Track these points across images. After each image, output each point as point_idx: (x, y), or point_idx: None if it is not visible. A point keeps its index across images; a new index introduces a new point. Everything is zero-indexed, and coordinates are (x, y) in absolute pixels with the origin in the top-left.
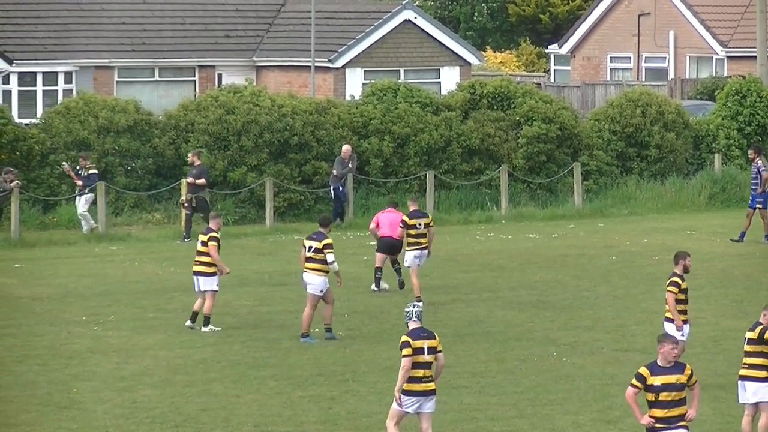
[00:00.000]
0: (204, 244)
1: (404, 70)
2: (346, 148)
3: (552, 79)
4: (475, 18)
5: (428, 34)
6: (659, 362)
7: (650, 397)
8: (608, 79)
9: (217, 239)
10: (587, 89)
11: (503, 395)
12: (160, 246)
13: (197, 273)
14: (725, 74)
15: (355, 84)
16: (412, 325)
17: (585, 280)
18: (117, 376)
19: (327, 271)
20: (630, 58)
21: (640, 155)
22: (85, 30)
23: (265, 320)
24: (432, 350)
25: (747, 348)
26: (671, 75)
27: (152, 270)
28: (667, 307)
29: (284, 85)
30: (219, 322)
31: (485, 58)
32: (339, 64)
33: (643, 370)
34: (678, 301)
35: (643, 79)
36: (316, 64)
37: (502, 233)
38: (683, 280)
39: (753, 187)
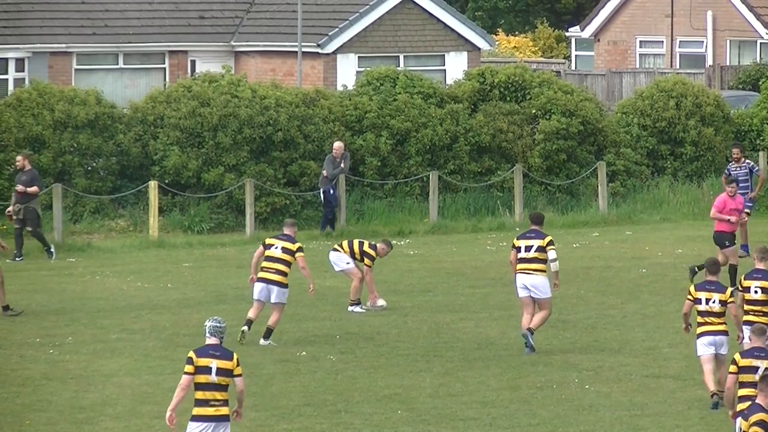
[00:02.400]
0: (287, 251)
1: (404, 57)
2: (337, 145)
3: (573, 67)
4: None
5: (431, 14)
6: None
7: None
8: (637, 66)
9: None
10: (613, 78)
11: (517, 428)
12: (125, 257)
13: (271, 282)
14: None
15: (347, 72)
16: (207, 341)
17: (611, 296)
18: (75, 406)
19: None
20: (662, 42)
21: (674, 153)
22: (39, 11)
23: (245, 342)
24: (223, 372)
25: None
26: (709, 62)
27: (116, 285)
28: None
29: (267, 74)
30: (192, 344)
31: (497, 43)
32: (329, 49)
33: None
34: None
35: (677, 67)
36: (304, 50)
37: None
38: None
39: (742, 191)
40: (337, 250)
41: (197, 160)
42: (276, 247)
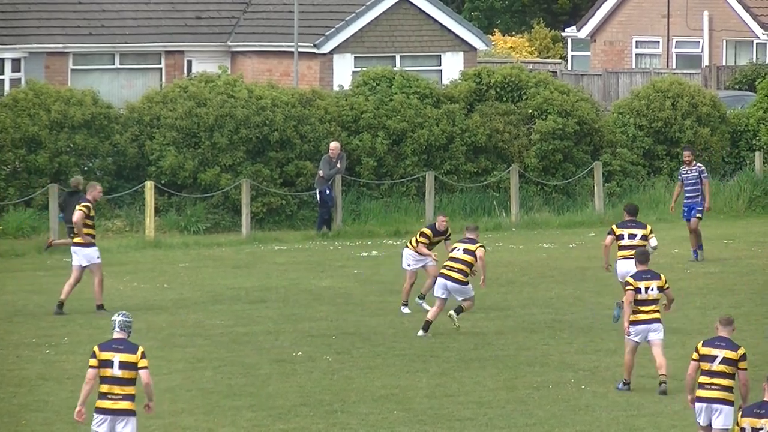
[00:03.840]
0: (468, 252)
1: (400, 57)
2: (334, 145)
3: (569, 67)
4: None
5: (428, 15)
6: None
7: None
8: (634, 66)
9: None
10: (610, 78)
11: (513, 428)
12: (122, 257)
13: (454, 280)
14: (767, 61)
15: (344, 72)
16: (114, 335)
17: (607, 297)
18: (71, 407)
19: None
20: (658, 42)
21: (670, 153)
22: (35, 11)
23: (241, 343)
24: (126, 365)
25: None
26: (706, 62)
27: (112, 285)
28: None
29: (263, 74)
30: (189, 344)
31: (493, 43)
32: (326, 49)
33: None
34: None
35: (674, 67)
36: (300, 50)
37: (513, 243)
38: None
39: (693, 195)
40: (408, 248)
41: (193, 160)
42: (457, 249)
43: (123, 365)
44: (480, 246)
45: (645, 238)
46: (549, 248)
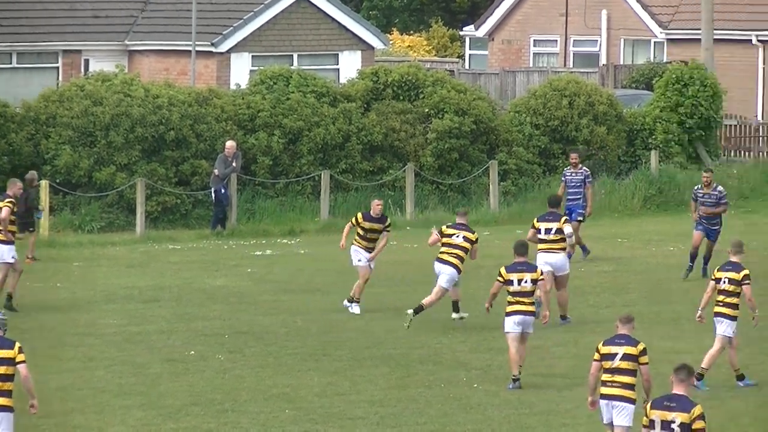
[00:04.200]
0: (468, 240)
1: (298, 56)
2: (230, 144)
3: (467, 66)
4: None
5: (326, 14)
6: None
7: None
8: (531, 65)
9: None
10: (507, 77)
11: (405, 427)
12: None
13: (450, 264)
14: (665, 60)
15: (241, 71)
16: None
17: (501, 295)
18: None
19: None
20: (556, 41)
21: (566, 152)
22: None
23: (134, 342)
24: (4, 361)
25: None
26: (603, 61)
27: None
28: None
29: (160, 73)
30: (80, 343)
31: (391, 42)
32: (223, 48)
33: None
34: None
35: (571, 66)
36: (197, 49)
37: (407, 241)
38: None
39: (575, 197)
40: (354, 244)
41: (89, 159)
42: (457, 236)
43: (2, 361)
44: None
45: (560, 231)
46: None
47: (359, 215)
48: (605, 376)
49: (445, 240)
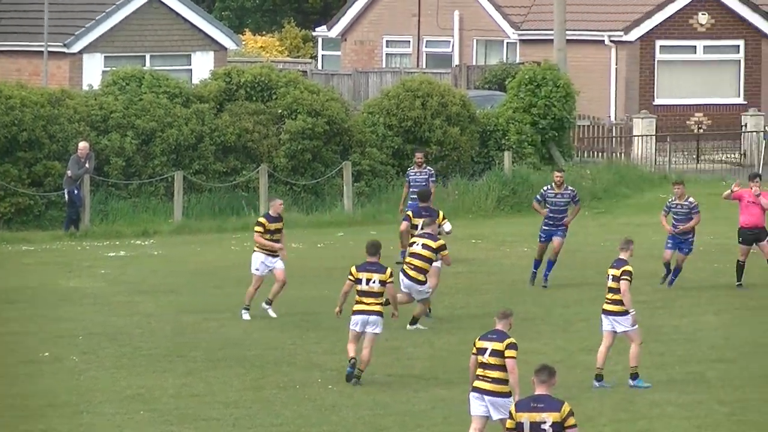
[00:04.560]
0: (426, 248)
1: (150, 56)
2: (82, 145)
3: (320, 66)
4: None
5: (178, 14)
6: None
7: None
8: (384, 66)
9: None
10: (360, 77)
11: (260, 428)
12: None
13: (410, 278)
14: (517, 60)
15: (93, 72)
16: None
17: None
18: None
19: None
20: (409, 42)
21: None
22: None
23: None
24: None
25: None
26: (456, 61)
27: None
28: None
29: (12, 74)
30: None
31: (243, 42)
32: (75, 49)
33: None
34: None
35: (424, 66)
36: (50, 50)
37: None
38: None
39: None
40: (256, 251)
41: None
42: (417, 244)
43: None
44: (440, 245)
45: (438, 225)
46: (297, 248)
47: (264, 220)
48: (479, 371)
49: (410, 250)
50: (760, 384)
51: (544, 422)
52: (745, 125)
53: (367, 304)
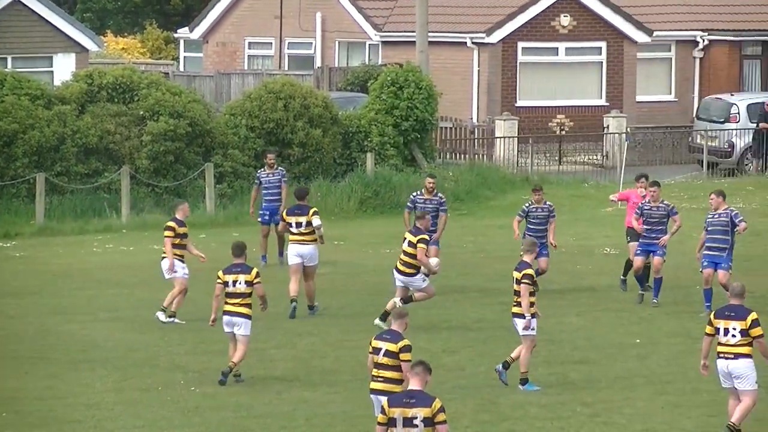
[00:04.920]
0: (411, 245)
1: (12, 58)
2: None
3: (182, 68)
4: None
5: (40, 16)
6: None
7: None
8: (246, 67)
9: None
10: (222, 79)
11: (123, 430)
12: None
13: (399, 272)
14: (380, 62)
15: None
16: None
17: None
18: None
19: None
20: (271, 43)
21: (282, 155)
22: None
23: None
24: None
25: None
26: (318, 63)
27: None
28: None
29: None
30: None
31: (105, 44)
32: None
33: None
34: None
35: (286, 68)
36: None
37: (123, 244)
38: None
39: (272, 198)
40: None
41: None
42: (405, 240)
43: None
44: (420, 239)
45: (310, 224)
46: (159, 249)
47: (173, 224)
48: (374, 371)
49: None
50: (623, 385)
51: (416, 417)
52: (607, 127)
53: (233, 305)
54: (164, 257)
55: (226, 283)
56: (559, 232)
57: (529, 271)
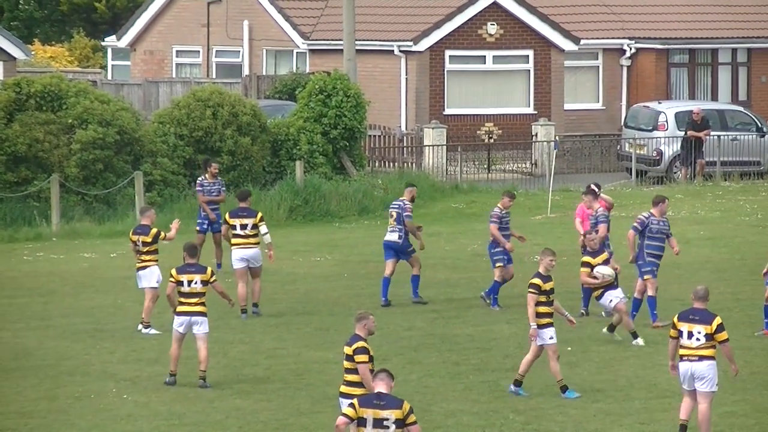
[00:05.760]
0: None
1: None
2: None
3: (110, 76)
4: (20, 6)
5: None
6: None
7: None
8: (174, 75)
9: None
10: (150, 87)
11: None
12: None
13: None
14: (308, 70)
15: None
16: None
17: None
18: None
19: None
20: (199, 52)
21: (206, 162)
22: None
23: None
24: None
25: None
26: (246, 71)
27: None
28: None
29: None
30: None
31: (33, 52)
32: None
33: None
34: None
35: (214, 76)
36: None
37: (54, 252)
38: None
39: (212, 207)
40: None
41: None
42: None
43: None
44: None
45: (256, 227)
46: (90, 258)
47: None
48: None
49: None
50: (555, 392)
51: (387, 419)
52: (536, 135)
53: (190, 305)
54: (147, 266)
55: (180, 283)
56: (488, 240)
57: (535, 280)
